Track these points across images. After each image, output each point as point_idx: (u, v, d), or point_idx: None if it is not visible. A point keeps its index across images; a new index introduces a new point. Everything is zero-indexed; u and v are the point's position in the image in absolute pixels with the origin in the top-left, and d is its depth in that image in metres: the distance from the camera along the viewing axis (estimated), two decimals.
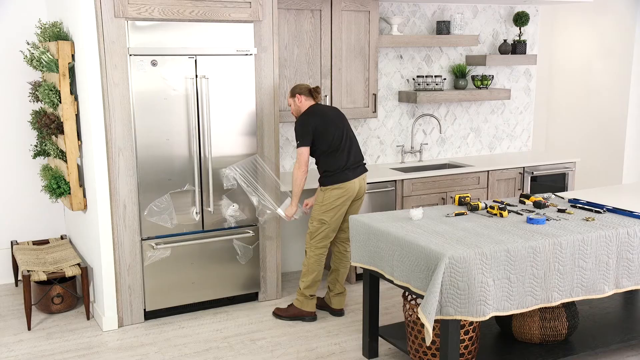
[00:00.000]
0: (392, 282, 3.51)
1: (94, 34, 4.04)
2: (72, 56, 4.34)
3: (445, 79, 5.96)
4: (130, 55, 4.12)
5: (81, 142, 4.46)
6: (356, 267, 4.82)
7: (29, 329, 4.40)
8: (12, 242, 5.15)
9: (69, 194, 4.57)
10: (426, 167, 5.88)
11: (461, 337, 3.45)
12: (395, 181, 5.28)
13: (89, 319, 4.56)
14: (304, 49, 5.07)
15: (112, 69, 4.09)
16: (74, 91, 4.43)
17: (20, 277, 5.16)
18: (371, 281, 3.86)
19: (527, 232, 3.48)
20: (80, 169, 4.59)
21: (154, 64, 4.19)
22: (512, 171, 5.85)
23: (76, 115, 4.43)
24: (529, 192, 5.80)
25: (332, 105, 5.21)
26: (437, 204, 5.44)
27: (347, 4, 5.14)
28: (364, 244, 3.75)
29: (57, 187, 4.63)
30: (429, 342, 3.20)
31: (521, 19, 6.13)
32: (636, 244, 3.61)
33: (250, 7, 4.42)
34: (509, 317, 3.81)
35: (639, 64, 6.52)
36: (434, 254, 3.17)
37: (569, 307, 3.80)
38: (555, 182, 6.07)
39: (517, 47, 6.14)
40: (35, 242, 5.16)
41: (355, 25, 5.22)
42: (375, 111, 5.45)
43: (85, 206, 4.57)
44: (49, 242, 5.19)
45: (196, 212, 4.48)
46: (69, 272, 4.49)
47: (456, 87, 6.05)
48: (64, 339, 4.27)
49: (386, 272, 3.57)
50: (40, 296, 4.56)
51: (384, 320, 4.47)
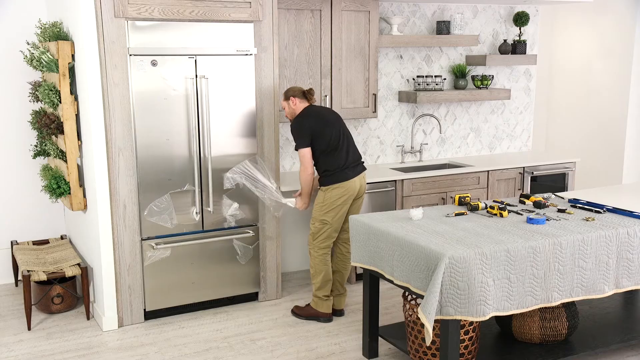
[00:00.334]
0: (392, 282, 3.51)
1: (94, 34, 4.04)
2: (72, 56, 4.34)
3: (445, 79, 5.96)
4: (130, 55, 4.12)
5: (81, 142, 4.46)
6: (356, 267, 4.82)
7: (29, 329, 4.40)
8: (12, 242, 5.15)
9: (69, 194, 4.57)
10: (426, 167, 5.88)
11: (461, 337, 3.45)
12: (395, 181, 5.28)
13: (89, 319, 4.56)
14: (304, 49, 5.07)
15: (112, 69, 4.09)
16: (74, 91, 4.43)
17: (20, 277, 5.16)
18: (371, 281, 3.86)
19: (527, 232, 3.48)
20: (80, 169, 4.59)
21: (154, 64, 4.19)
22: (512, 171, 5.84)
23: (76, 115, 4.43)
24: (529, 192, 5.80)
25: (333, 105, 5.21)
26: (437, 204, 5.44)
27: (347, 4, 5.13)
28: (364, 244, 3.75)
29: (57, 187, 4.63)
30: (429, 342, 3.20)
31: (521, 19, 6.13)
32: (636, 244, 3.61)
33: (250, 7, 4.42)
34: (509, 317, 3.81)
35: (639, 64, 6.52)
36: (434, 254, 3.17)
37: (569, 307, 3.80)
38: (555, 182, 6.07)
39: (517, 47, 6.14)
40: (35, 242, 5.16)
41: (355, 25, 5.22)
42: (375, 111, 5.45)
43: (85, 206, 4.57)
44: (49, 242, 5.19)
45: (196, 212, 4.48)
46: (69, 272, 4.49)
47: (456, 87, 6.05)
48: (64, 339, 4.27)
49: (386, 272, 3.57)
50: (40, 296, 4.56)
51: (384, 320, 4.47)
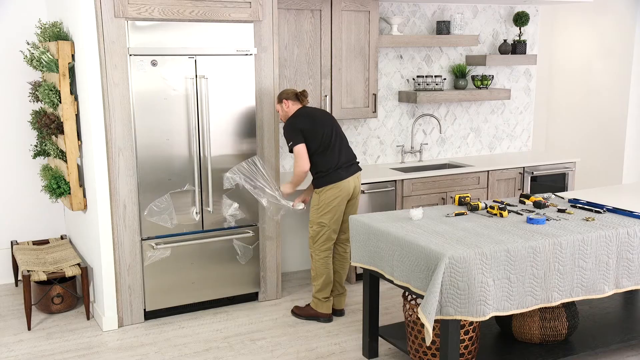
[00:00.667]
0: (392, 282, 3.51)
1: (94, 34, 4.04)
2: (72, 56, 4.34)
3: (445, 79, 5.96)
4: (130, 55, 4.12)
5: (81, 142, 4.46)
6: (356, 267, 4.82)
7: (29, 329, 4.40)
8: (12, 242, 5.15)
9: (69, 194, 4.57)
10: (426, 167, 5.88)
11: (461, 337, 3.45)
12: (395, 181, 5.28)
13: (89, 319, 4.56)
14: (304, 49, 5.07)
15: (112, 69, 4.09)
16: (74, 91, 4.43)
17: (20, 277, 5.16)
18: (371, 281, 3.86)
19: (527, 232, 3.48)
20: (80, 169, 4.59)
21: (154, 64, 4.19)
22: (512, 171, 5.84)
23: (76, 115, 4.43)
24: (529, 192, 5.80)
25: (333, 105, 5.21)
26: (437, 204, 5.44)
27: (347, 4, 5.13)
28: (364, 244, 3.75)
29: (57, 187, 4.63)
30: (429, 342, 3.20)
31: (521, 19, 6.13)
32: (636, 244, 3.61)
33: (250, 7, 4.42)
34: (509, 317, 3.81)
35: (639, 64, 6.52)
36: (434, 254, 3.17)
37: (569, 307, 3.79)
38: (555, 182, 6.07)
39: (517, 47, 6.14)
40: (35, 242, 5.16)
41: (355, 25, 5.22)
42: (375, 111, 5.45)
43: (85, 206, 4.57)
44: (49, 242, 5.19)
45: (196, 212, 4.48)
46: (69, 272, 4.49)
47: (456, 87, 6.05)
48: (64, 339, 4.27)
49: (386, 272, 3.57)
50: (40, 296, 4.56)
51: (384, 320, 4.47)
